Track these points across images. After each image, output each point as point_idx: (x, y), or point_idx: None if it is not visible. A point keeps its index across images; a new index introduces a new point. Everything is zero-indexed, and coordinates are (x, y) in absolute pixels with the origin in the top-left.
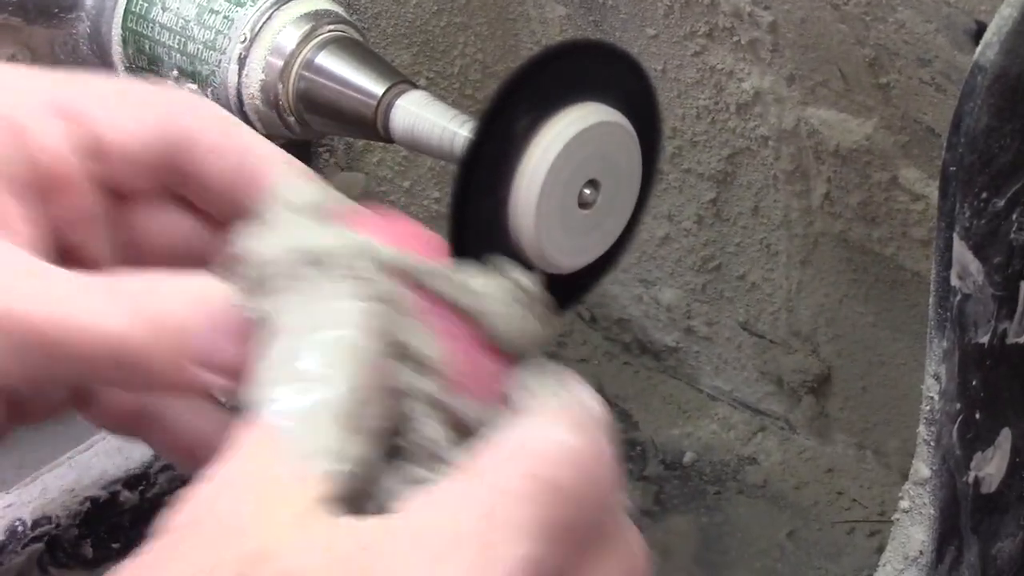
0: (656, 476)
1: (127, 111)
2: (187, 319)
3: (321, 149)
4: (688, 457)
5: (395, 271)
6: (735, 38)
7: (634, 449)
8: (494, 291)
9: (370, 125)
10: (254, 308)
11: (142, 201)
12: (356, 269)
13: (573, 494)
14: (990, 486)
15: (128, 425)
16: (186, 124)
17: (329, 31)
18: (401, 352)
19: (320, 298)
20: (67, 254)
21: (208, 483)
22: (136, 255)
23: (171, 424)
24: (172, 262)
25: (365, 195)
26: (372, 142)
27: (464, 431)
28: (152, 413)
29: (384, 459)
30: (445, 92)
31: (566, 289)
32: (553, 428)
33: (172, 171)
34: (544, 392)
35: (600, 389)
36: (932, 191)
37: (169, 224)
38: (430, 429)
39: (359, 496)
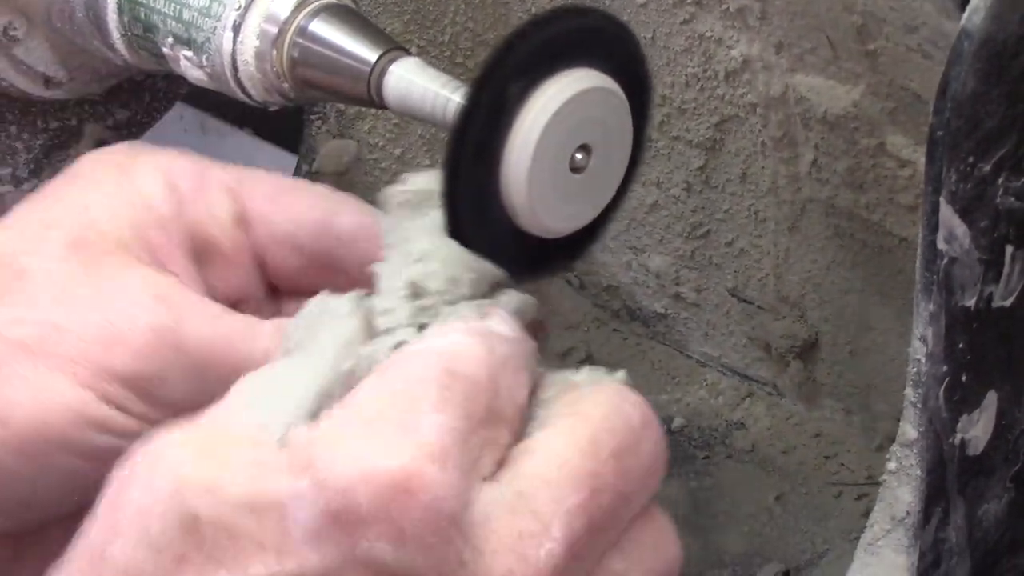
0: None
1: (272, 196)
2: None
3: (313, 116)
4: (677, 423)
5: None
6: (724, 5)
7: None
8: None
9: (363, 91)
10: None
11: (295, 294)
12: None
13: (471, 377)
14: (976, 448)
15: None
16: (321, 216)
17: None
18: None
19: None
20: None
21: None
22: None
23: None
24: None
25: (357, 162)
26: (364, 109)
27: None
28: None
29: None
30: (436, 60)
31: (558, 253)
32: (453, 333)
33: (313, 256)
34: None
35: (589, 355)
36: (919, 157)
37: None
38: None
39: None
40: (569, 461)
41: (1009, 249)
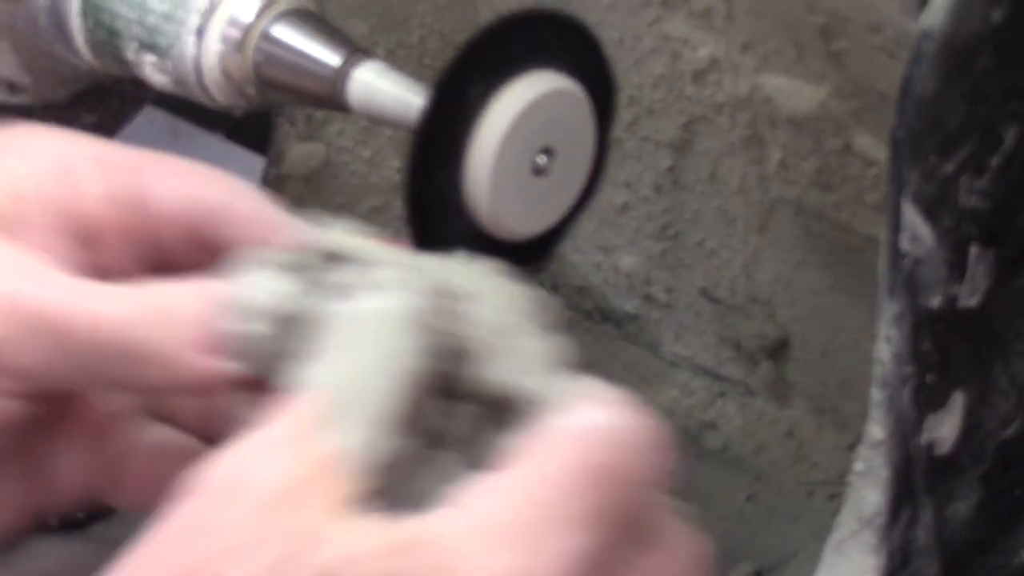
0: None
1: (169, 178)
2: (194, 308)
3: (281, 119)
4: None
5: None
6: (689, 6)
7: None
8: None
9: (327, 95)
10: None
11: (186, 269)
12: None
13: (624, 477)
14: (943, 449)
15: (148, 492)
16: (220, 198)
17: (286, 2)
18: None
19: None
20: None
21: (241, 453)
22: None
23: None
24: None
25: (326, 165)
26: (332, 112)
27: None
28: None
29: (417, 452)
30: (404, 63)
31: (523, 255)
32: (598, 412)
33: (206, 240)
34: (575, 386)
35: None
36: (885, 157)
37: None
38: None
39: (391, 492)
40: None
41: (974, 249)
